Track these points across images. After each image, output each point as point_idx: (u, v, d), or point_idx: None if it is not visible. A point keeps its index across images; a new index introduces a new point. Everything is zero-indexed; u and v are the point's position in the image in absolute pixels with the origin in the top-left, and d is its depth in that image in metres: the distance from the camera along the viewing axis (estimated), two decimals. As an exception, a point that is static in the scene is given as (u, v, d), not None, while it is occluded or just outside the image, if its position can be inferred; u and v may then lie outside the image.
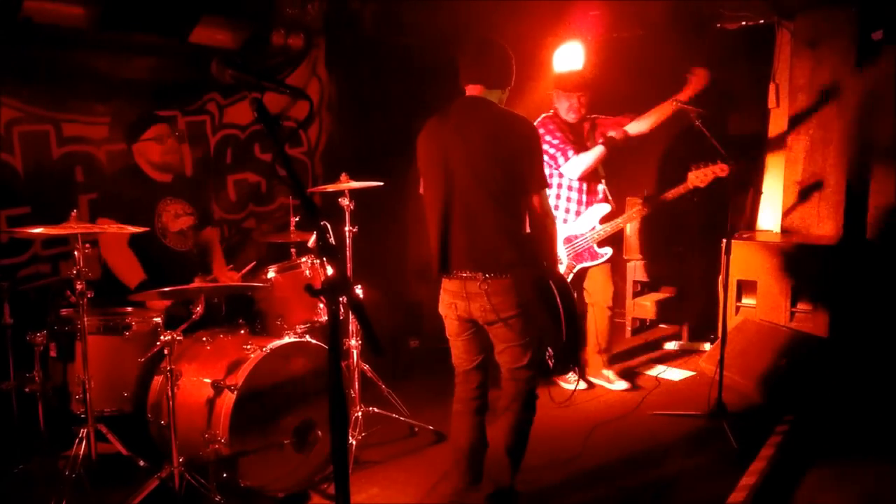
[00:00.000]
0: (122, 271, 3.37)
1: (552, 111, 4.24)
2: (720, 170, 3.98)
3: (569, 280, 4.13)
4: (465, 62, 2.79)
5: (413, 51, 5.55)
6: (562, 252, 4.15)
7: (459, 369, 2.95)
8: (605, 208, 4.19)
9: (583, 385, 4.39)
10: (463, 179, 2.70)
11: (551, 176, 4.13)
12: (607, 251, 4.20)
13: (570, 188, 4.20)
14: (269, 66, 4.90)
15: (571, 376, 4.33)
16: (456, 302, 2.79)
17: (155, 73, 4.32)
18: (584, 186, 4.21)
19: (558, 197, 4.22)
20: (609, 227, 4.17)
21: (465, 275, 2.74)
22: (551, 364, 2.99)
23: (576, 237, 4.16)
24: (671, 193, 4.17)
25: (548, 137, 4.11)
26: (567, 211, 4.21)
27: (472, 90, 2.78)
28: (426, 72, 5.43)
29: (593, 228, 4.16)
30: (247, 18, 4.46)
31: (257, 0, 4.45)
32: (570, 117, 4.17)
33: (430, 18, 5.33)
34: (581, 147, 4.17)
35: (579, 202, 4.21)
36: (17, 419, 3.23)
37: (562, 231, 4.15)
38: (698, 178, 4.04)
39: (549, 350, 2.83)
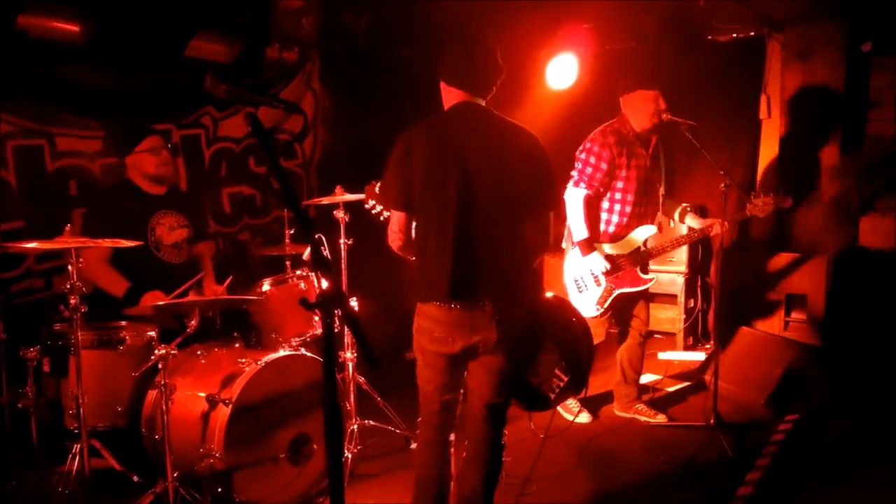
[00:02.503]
0: (105, 284, 3.38)
1: (614, 122, 3.88)
2: (783, 201, 3.76)
3: (606, 306, 3.84)
4: (465, 67, 2.51)
5: (407, 63, 5.57)
6: (600, 271, 3.79)
7: (443, 398, 2.56)
8: (652, 230, 3.86)
9: (585, 417, 4.09)
10: (486, 194, 2.42)
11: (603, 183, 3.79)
12: (652, 277, 3.86)
13: (624, 200, 3.82)
14: (263, 79, 4.92)
15: (574, 405, 4.04)
16: (454, 335, 2.44)
17: (149, 86, 4.32)
18: (640, 199, 3.84)
19: (610, 211, 3.86)
20: (655, 252, 3.83)
21: (475, 303, 2.42)
22: (552, 396, 2.75)
23: (620, 259, 3.82)
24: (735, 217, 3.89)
25: (596, 148, 3.79)
26: (608, 223, 3.86)
27: (461, 96, 2.52)
28: (421, 84, 5.45)
29: (638, 250, 3.81)
30: (241, 33, 4.48)
31: (252, 14, 4.46)
32: (648, 123, 3.78)
33: (423, 31, 5.36)
34: (643, 161, 3.83)
35: (629, 219, 3.86)
36: (10, 434, 3.21)
37: (608, 248, 3.84)
38: (758, 207, 3.75)
39: (557, 379, 2.67)
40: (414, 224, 2.51)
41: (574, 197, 3.80)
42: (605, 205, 3.87)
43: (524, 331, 2.52)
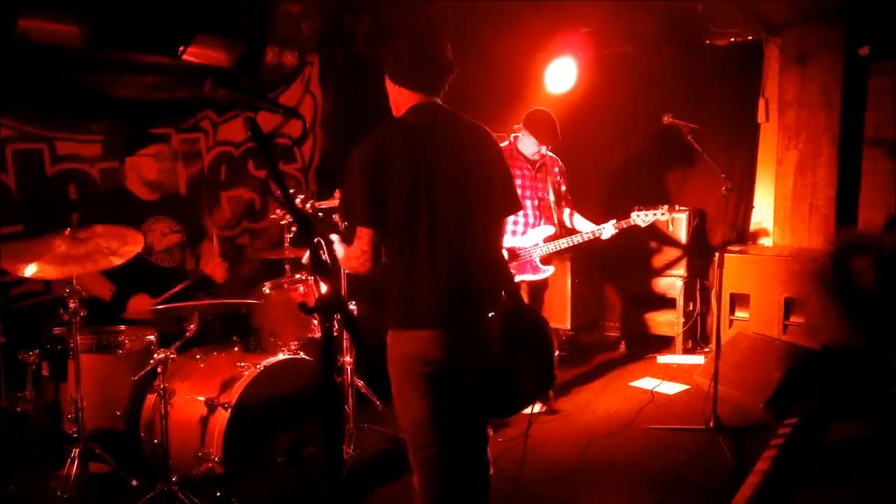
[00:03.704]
0: (92, 289, 3.31)
1: (509, 142, 4.22)
2: (661, 214, 4.09)
3: None
4: (417, 67, 2.30)
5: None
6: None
7: (445, 430, 2.32)
8: (550, 230, 4.25)
9: (537, 408, 4.22)
10: (467, 201, 2.29)
11: None
12: (549, 269, 4.24)
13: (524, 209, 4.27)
14: (262, 83, 4.93)
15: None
16: (453, 352, 2.25)
17: (149, 90, 4.33)
18: (532, 205, 4.26)
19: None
20: (552, 247, 4.21)
21: (471, 315, 2.29)
22: (518, 402, 2.61)
23: (520, 250, 4.22)
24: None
25: None
26: (516, 223, 4.25)
27: (417, 97, 2.32)
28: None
29: (536, 245, 4.21)
30: (241, 37, 4.48)
31: (251, 18, 4.46)
32: (531, 155, 4.20)
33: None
34: (528, 173, 4.22)
35: (525, 221, 4.26)
36: (9, 438, 3.21)
37: (508, 243, 4.22)
38: (639, 217, 4.13)
39: (521, 385, 2.57)
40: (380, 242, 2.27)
41: None
42: None
43: (504, 336, 2.41)
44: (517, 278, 4.18)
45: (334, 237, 2.39)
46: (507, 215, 2.54)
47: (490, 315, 2.35)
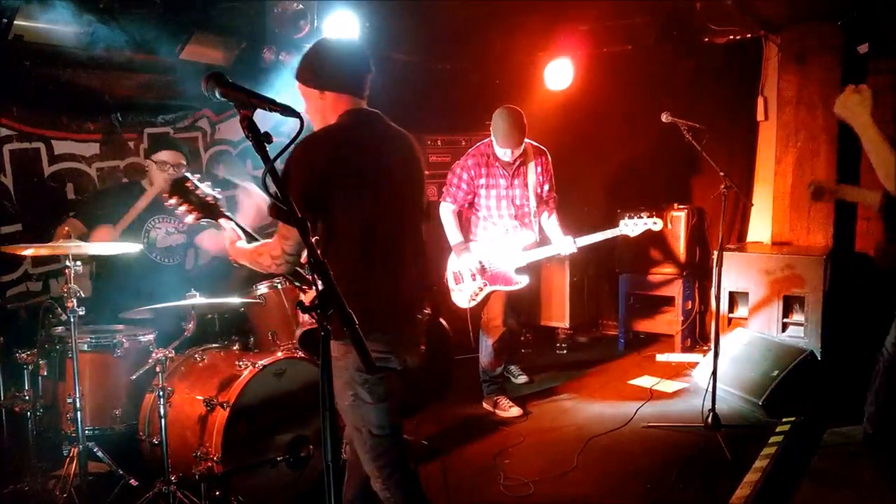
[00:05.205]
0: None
1: (484, 144, 4.17)
2: (653, 224, 4.15)
3: (479, 300, 4.17)
4: (347, 69, 2.27)
5: (404, 66, 5.58)
6: (474, 269, 4.14)
7: (399, 431, 2.35)
8: (530, 237, 4.15)
9: (515, 412, 4.26)
10: (406, 207, 2.36)
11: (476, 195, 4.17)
12: (523, 279, 4.13)
13: (490, 212, 4.18)
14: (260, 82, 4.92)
15: (506, 403, 4.29)
16: (403, 355, 2.32)
17: (146, 90, 4.32)
18: (508, 211, 4.17)
19: (485, 219, 4.20)
20: (530, 257, 4.12)
21: (417, 319, 2.39)
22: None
23: (492, 261, 4.14)
24: (598, 236, 4.18)
25: (458, 170, 4.19)
26: (485, 229, 4.20)
27: (349, 102, 2.28)
28: (417, 87, 5.47)
29: (511, 255, 4.12)
30: (238, 36, 4.48)
31: (248, 18, 4.46)
32: (503, 157, 4.11)
33: (421, 35, 5.37)
34: (503, 179, 4.13)
35: (504, 229, 4.19)
36: (7, 438, 3.21)
37: (481, 250, 4.17)
38: (628, 226, 4.16)
39: (434, 386, 2.60)
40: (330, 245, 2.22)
41: (444, 210, 4.27)
42: (482, 214, 4.23)
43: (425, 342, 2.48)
44: (490, 288, 4.17)
45: (234, 229, 2.45)
46: (422, 222, 2.55)
47: (421, 317, 2.42)
